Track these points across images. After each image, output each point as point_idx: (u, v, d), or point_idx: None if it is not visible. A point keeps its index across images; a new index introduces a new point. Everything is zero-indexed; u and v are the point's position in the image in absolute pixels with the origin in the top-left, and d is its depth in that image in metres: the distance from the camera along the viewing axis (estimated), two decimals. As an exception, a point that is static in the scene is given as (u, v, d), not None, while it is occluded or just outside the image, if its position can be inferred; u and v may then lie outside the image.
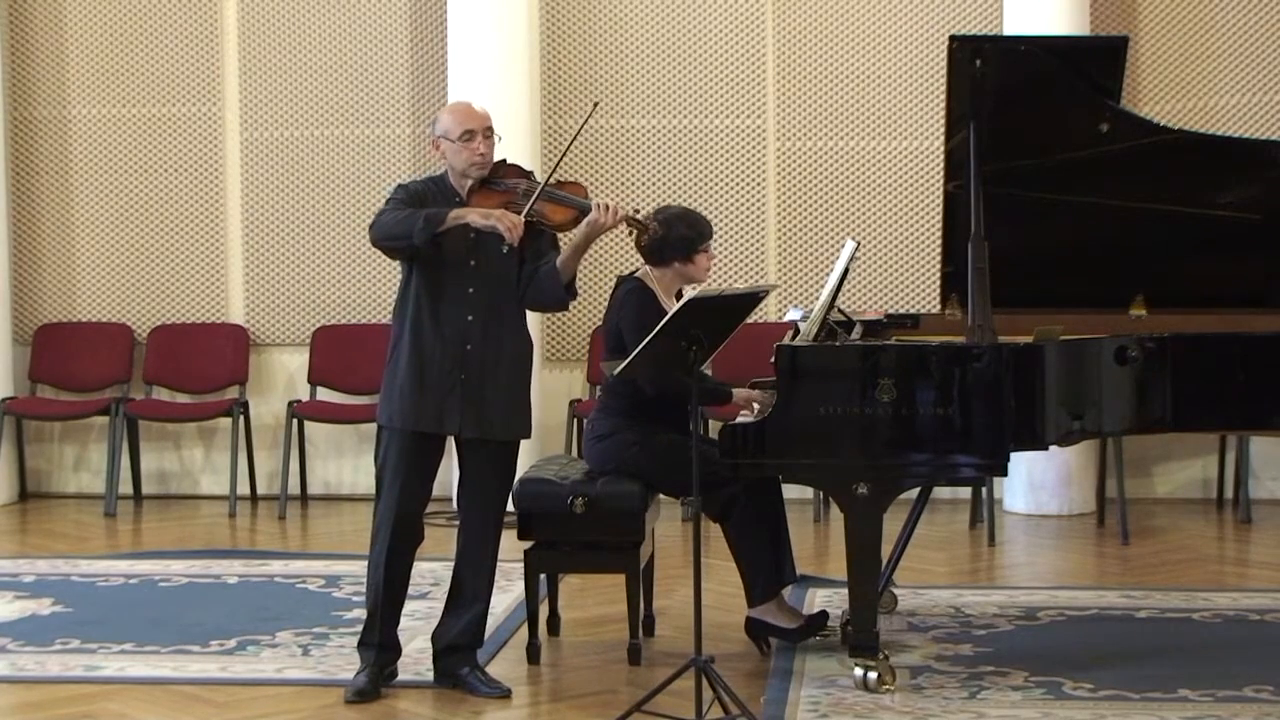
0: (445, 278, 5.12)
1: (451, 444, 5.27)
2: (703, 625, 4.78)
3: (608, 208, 5.03)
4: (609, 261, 8.40)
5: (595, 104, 5.82)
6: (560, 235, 5.25)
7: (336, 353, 8.92)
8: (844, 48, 8.82)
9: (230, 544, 7.94)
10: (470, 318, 5.12)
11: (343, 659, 5.57)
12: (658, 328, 4.77)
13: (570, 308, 5.35)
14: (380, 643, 5.20)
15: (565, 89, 8.87)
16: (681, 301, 4.76)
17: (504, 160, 5.22)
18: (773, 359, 5.18)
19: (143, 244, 9.16)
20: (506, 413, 5.20)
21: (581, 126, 5.36)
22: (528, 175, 5.22)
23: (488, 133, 5.15)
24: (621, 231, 5.24)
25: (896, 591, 6.24)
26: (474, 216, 5.00)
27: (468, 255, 5.11)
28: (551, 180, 5.11)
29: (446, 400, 5.12)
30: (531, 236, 5.09)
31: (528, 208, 5.01)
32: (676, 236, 5.65)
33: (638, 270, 5.78)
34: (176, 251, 9.14)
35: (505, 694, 5.19)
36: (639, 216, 5.17)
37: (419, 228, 4.99)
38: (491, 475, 5.24)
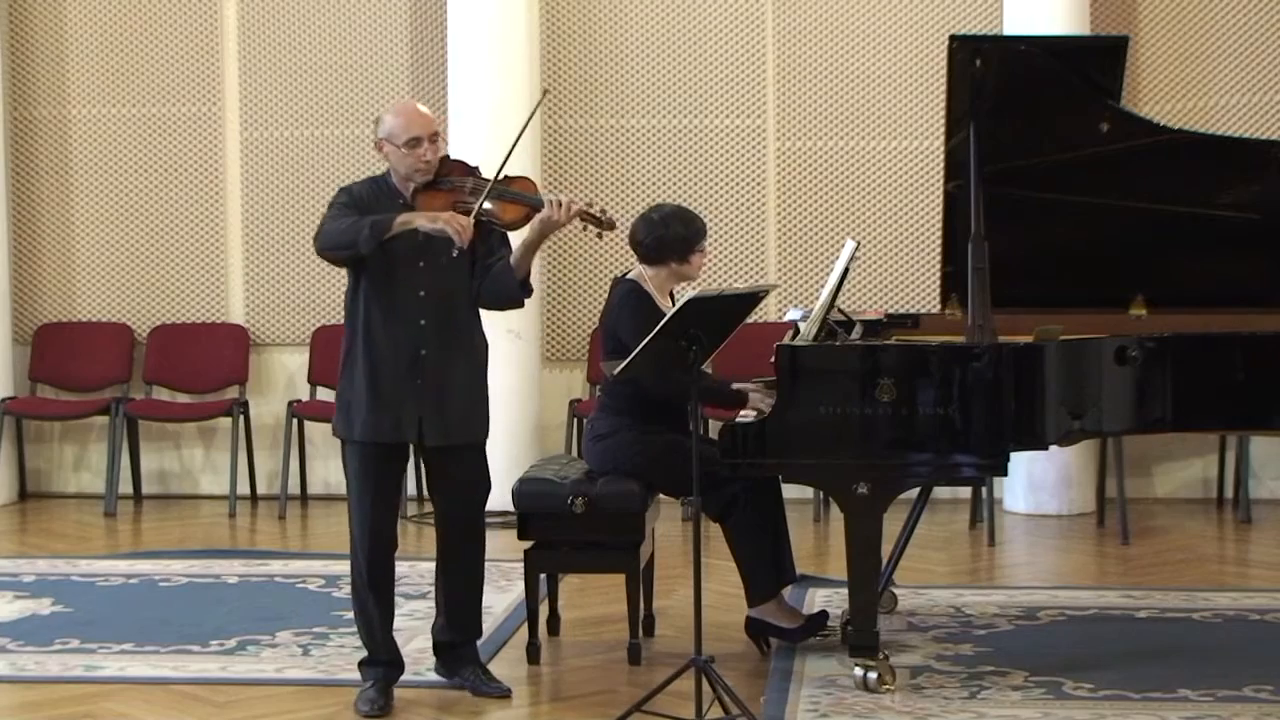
0: (395, 282, 4.99)
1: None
2: (703, 625, 4.78)
3: (560, 203, 4.90)
4: (607, 262, 8.39)
5: (545, 91, 5.70)
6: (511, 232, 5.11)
7: (336, 353, 8.82)
8: (844, 48, 8.82)
9: (230, 544, 7.94)
10: (422, 322, 5.00)
11: (343, 659, 5.57)
12: (658, 327, 4.77)
13: (526, 305, 5.19)
14: (387, 660, 5.15)
15: (565, 89, 8.87)
16: (681, 301, 4.74)
17: (447, 156, 5.08)
18: (773, 359, 5.19)
19: (143, 244, 9.15)
20: (465, 415, 5.10)
21: (530, 117, 5.21)
22: (474, 171, 5.06)
23: (433, 138, 4.99)
24: (576, 227, 5.02)
25: (896, 591, 6.24)
26: (421, 221, 4.87)
27: (417, 257, 4.97)
28: (500, 176, 4.94)
29: (404, 408, 5.01)
30: (482, 235, 4.96)
31: (477, 208, 4.88)
32: (673, 237, 5.64)
33: (632, 271, 5.78)
34: (176, 251, 9.14)
35: (505, 694, 5.18)
36: (593, 211, 5.00)
37: (365, 236, 4.85)
38: (460, 478, 5.13)
